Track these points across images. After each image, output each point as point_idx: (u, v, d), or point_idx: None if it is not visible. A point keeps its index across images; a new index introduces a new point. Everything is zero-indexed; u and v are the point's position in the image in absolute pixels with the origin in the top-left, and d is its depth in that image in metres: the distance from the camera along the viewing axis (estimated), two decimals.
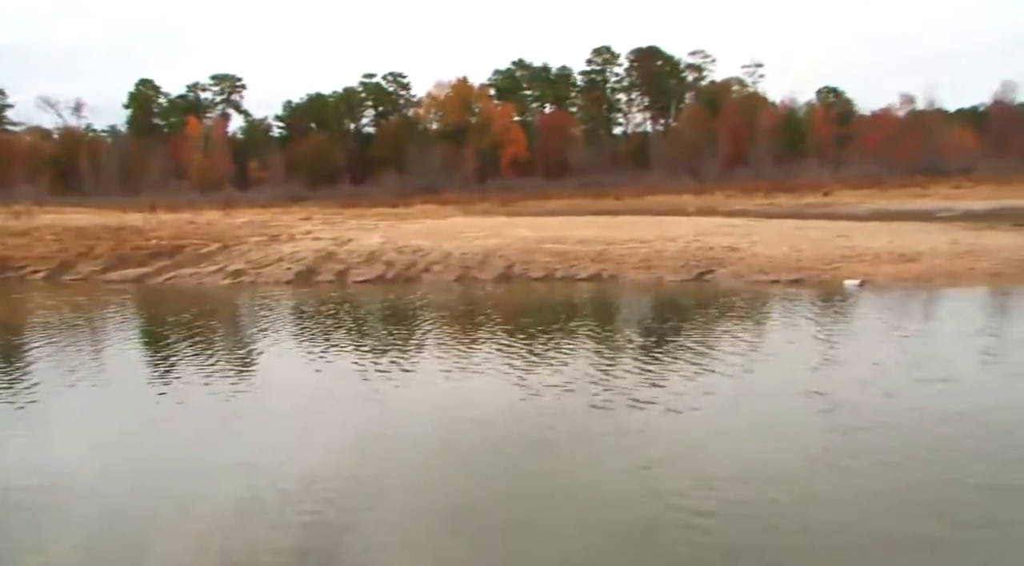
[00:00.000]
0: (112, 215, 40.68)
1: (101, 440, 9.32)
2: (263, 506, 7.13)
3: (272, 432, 9.25)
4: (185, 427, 9.73)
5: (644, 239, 24.49)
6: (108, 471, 8.24)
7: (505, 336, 14.43)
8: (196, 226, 34.23)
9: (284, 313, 18.32)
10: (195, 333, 16.33)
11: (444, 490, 7.43)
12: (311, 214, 42.38)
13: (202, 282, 24.18)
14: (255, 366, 13.13)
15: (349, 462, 8.23)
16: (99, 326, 18.06)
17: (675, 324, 15.46)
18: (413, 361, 12.76)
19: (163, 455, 8.63)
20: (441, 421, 9.42)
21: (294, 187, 76.45)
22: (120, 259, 27.87)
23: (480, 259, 23.02)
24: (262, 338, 15.37)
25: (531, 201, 59.05)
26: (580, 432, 8.80)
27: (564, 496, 7.17)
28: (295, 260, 24.61)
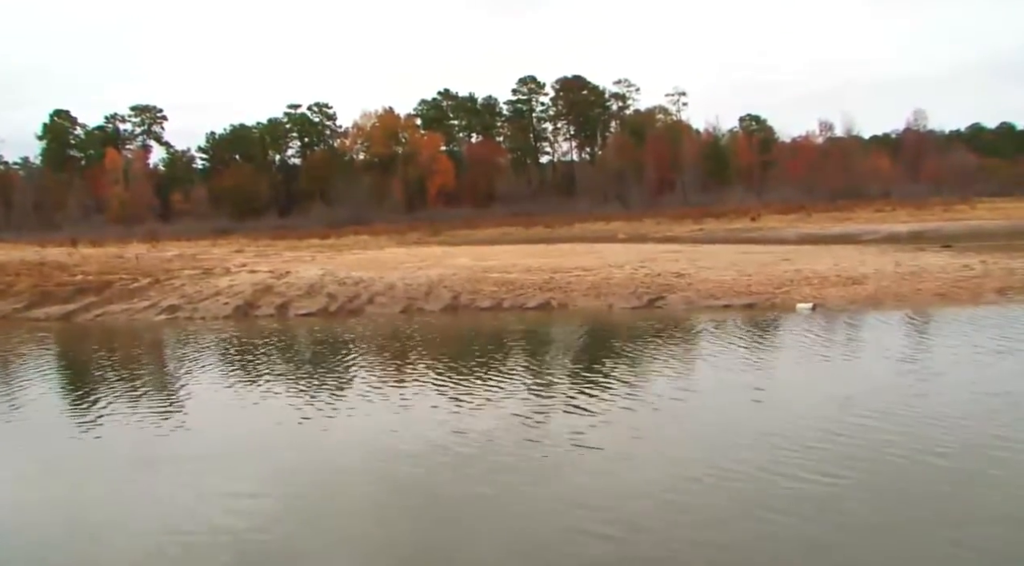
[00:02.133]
0: (30, 250, 39.19)
1: (19, 481, 9.15)
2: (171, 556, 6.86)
3: (192, 475, 8.90)
4: (102, 473, 9.35)
5: (589, 267, 24.36)
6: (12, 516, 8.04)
7: (454, 369, 14.17)
8: (123, 260, 33.09)
9: (222, 349, 17.66)
10: (126, 372, 15.69)
11: (371, 531, 7.35)
12: (242, 246, 41.44)
13: (134, 318, 23.25)
14: (189, 406, 12.61)
15: (272, 506, 7.94)
16: (21, 367, 17.17)
17: (634, 353, 15.28)
18: (357, 397, 12.40)
19: (72, 498, 8.41)
20: (374, 459, 9.28)
21: (219, 220, 74.99)
22: (43, 296, 26.69)
23: (425, 290, 22.61)
24: (198, 376, 14.80)
25: (460, 230, 58.85)
26: (511, 468, 8.65)
27: (488, 530, 7.16)
28: (232, 294, 23.84)
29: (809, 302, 18.50)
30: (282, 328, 20.58)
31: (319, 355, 16.49)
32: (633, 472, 8.32)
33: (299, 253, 35.40)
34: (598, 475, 8.30)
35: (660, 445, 9.17)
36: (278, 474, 8.87)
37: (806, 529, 6.70)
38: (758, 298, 19.47)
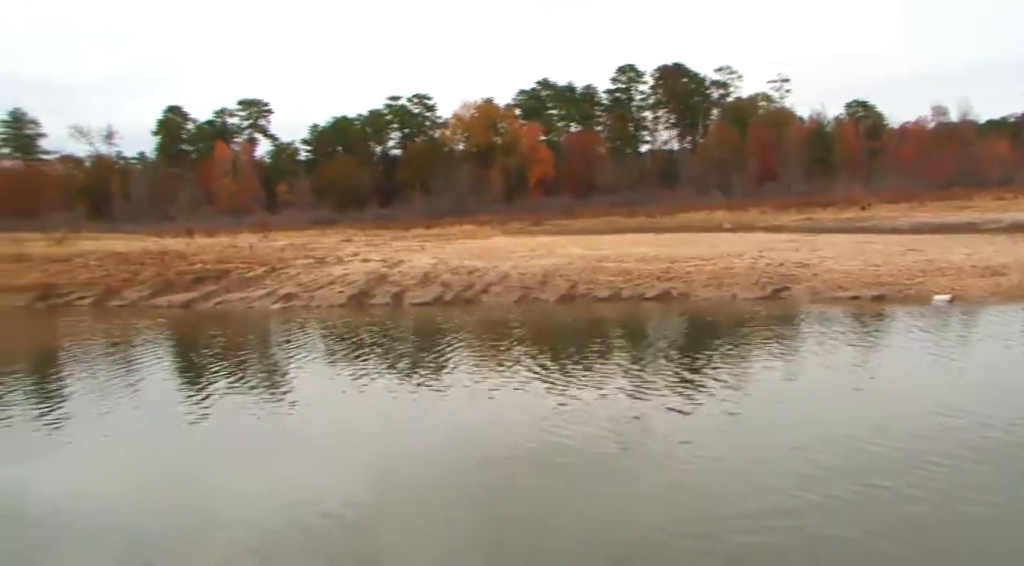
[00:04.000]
0: (150, 240, 40.49)
1: (133, 464, 9.31)
2: (289, 534, 6.92)
3: (306, 459, 9.05)
4: (219, 452, 9.65)
5: (707, 256, 23.84)
6: (138, 495, 8.17)
7: (570, 359, 13.95)
8: (237, 249, 33.90)
9: (336, 338, 17.79)
10: (243, 359, 15.98)
11: (476, 516, 7.28)
12: (350, 236, 42.00)
13: (252, 306, 23.71)
14: (301, 392, 12.72)
15: (382, 487, 8.04)
16: (146, 352, 17.67)
17: (760, 345, 14.77)
18: (469, 387, 12.28)
19: (193, 479, 8.62)
20: (480, 449, 9.13)
21: (322, 210, 76.35)
22: (166, 284, 27.50)
23: (540, 279, 22.45)
24: (312, 364, 14.96)
25: (561, 220, 58.52)
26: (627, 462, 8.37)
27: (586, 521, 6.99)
28: (347, 283, 24.12)
29: (946, 294, 17.64)
30: (397, 317, 20.70)
31: (433, 344, 16.44)
32: (747, 473, 7.93)
33: (407, 243, 35.70)
34: (701, 471, 8.00)
35: (784, 448, 8.67)
36: (384, 462, 8.85)
37: None
38: (889, 289, 18.68)
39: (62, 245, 36.07)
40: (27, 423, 11.19)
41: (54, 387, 14.23)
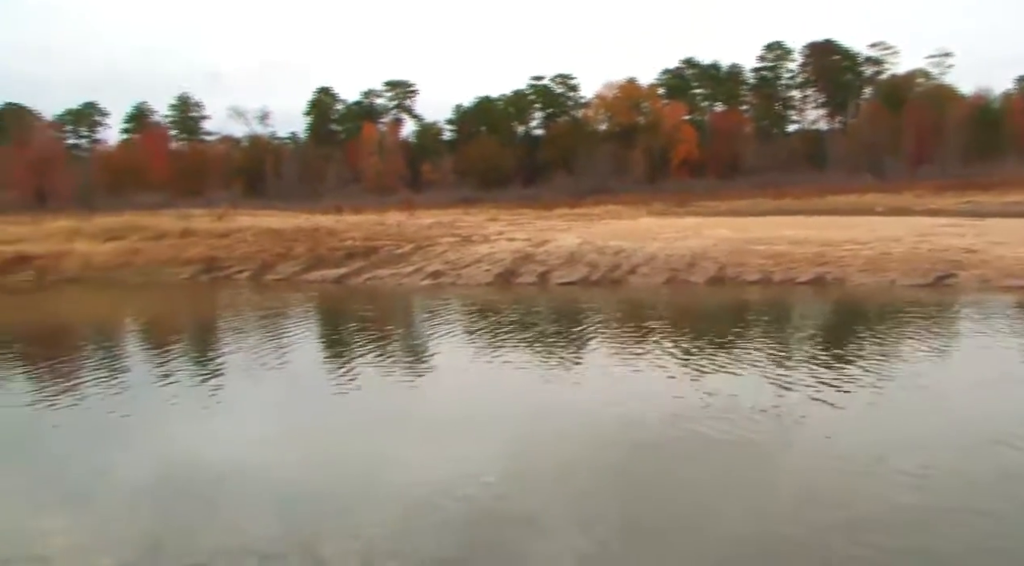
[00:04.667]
0: (301, 217, 41.86)
1: (280, 430, 9.58)
2: (427, 504, 6.94)
3: (448, 433, 9.13)
4: (366, 424, 9.82)
5: (863, 240, 22.84)
6: (281, 460, 8.34)
7: (717, 344, 13.61)
8: (385, 227, 34.66)
9: (484, 315, 17.91)
10: (391, 334, 16.39)
11: (608, 495, 7.12)
12: (493, 215, 42.35)
13: (401, 283, 24.22)
14: (444, 368, 12.92)
15: (521, 465, 7.95)
16: (298, 325, 18.32)
17: (921, 336, 14.01)
18: (610, 368, 12.15)
19: (342, 450, 8.77)
20: (613, 431, 8.92)
21: (465, 189, 77.31)
22: (318, 260, 28.39)
23: (687, 261, 22.03)
24: (458, 340, 15.19)
25: (705, 201, 57.22)
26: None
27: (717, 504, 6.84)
28: (493, 261, 24.31)
29: None
30: (543, 296, 20.73)
31: (577, 324, 16.35)
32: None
33: (551, 222, 35.70)
34: (842, 469, 7.53)
35: (939, 448, 8.14)
36: (525, 440, 8.80)
37: None
38: None
39: (222, 221, 37.78)
40: (188, 391, 11.70)
41: (214, 356, 14.94)
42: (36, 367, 14.32)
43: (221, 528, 6.58)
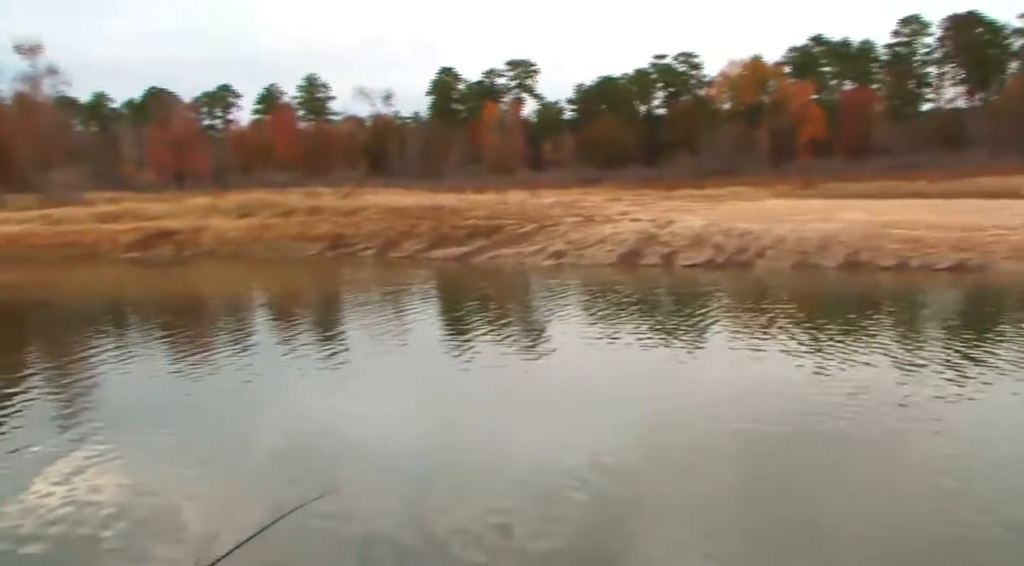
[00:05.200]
0: (424, 196, 42.34)
1: (400, 403, 9.66)
2: (541, 483, 6.83)
3: (565, 411, 9.03)
4: (483, 399, 9.86)
5: (1010, 225, 21.55)
6: (400, 433, 8.39)
7: (844, 331, 12.96)
8: (507, 206, 34.66)
9: (605, 295, 17.68)
10: (511, 312, 16.37)
11: (724, 489, 6.75)
12: (615, 195, 41.92)
13: (523, 262, 24.21)
14: (562, 347, 12.87)
15: (635, 448, 7.74)
16: (421, 301, 18.52)
17: None
18: (731, 352, 11.85)
19: (452, 422, 8.81)
20: (728, 416, 8.56)
21: (586, 169, 76.93)
22: (441, 238, 28.65)
23: (818, 244, 21.25)
24: (577, 320, 15.18)
25: (832, 183, 55.17)
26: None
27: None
28: (617, 242, 24.01)
29: None
30: (667, 277, 20.38)
31: (701, 307, 15.94)
32: None
33: (675, 203, 35.10)
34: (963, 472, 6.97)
35: None
36: (642, 420, 8.61)
37: None
38: None
39: (348, 199, 38.56)
40: (314, 362, 12.00)
41: (340, 330, 15.27)
42: (176, 336, 15.00)
43: (339, 497, 6.58)
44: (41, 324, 18.65)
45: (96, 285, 26.82)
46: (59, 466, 7.52)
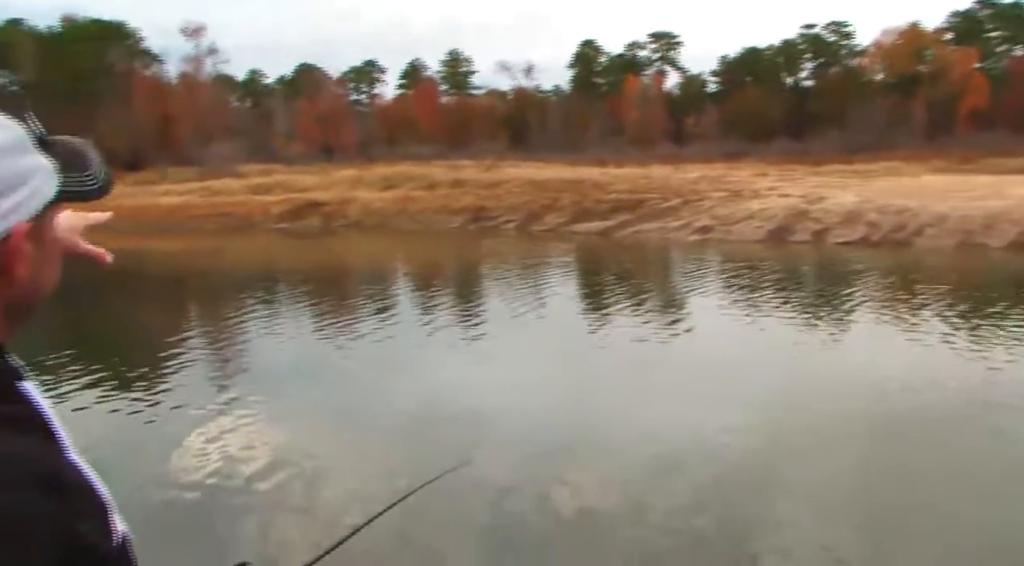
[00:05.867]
0: (565, 169, 42.25)
1: (535, 374, 9.63)
2: (671, 458, 6.76)
3: (698, 386, 8.92)
4: (619, 372, 9.80)
5: None
6: (533, 403, 8.38)
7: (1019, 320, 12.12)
8: (650, 180, 34.20)
9: (752, 272, 17.22)
10: (652, 286, 16.16)
11: (862, 483, 6.35)
12: (761, 170, 40.78)
13: (667, 237, 23.89)
14: (698, 322, 12.72)
15: (771, 423, 7.57)
16: (563, 274, 18.52)
17: None
18: (872, 335, 11.40)
19: (585, 394, 8.76)
20: (863, 399, 8.22)
21: (729, 143, 75.08)
22: (583, 212, 28.57)
23: (983, 222, 20.10)
24: (719, 295, 14.98)
25: (995, 158, 51.84)
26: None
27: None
28: (765, 218, 23.37)
29: None
30: (818, 255, 19.72)
31: (851, 287, 15.29)
32: None
33: (824, 178, 33.83)
34: None
35: None
36: (763, 398, 8.38)
37: None
38: None
39: (490, 172, 38.89)
40: (453, 334, 12.27)
41: (480, 301, 15.51)
42: (323, 305, 15.61)
43: (474, 468, 6.60)
44: (200, 290, 19.66)
45: (250, 254, 28.05)
46: (214, 424, 7.96)
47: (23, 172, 0.91)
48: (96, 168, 1.02)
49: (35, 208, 0.93)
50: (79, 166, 1.00)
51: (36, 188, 0.93)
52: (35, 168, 0.93)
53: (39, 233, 0.95)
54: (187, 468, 6.85)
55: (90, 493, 0.95)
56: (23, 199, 0.91)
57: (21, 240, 0.91)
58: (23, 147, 0.92)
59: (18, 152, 0.91)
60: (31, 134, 0.94)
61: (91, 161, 1.02)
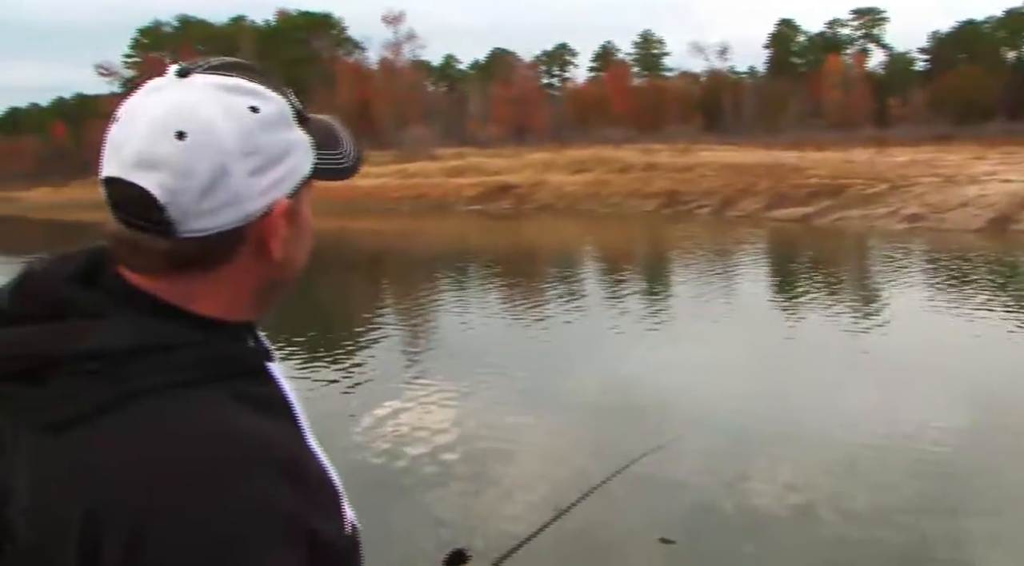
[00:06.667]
0: (760, 153, 40.92)
1: (721, 366, 9.31)
2: (867, 451, 6.46)
3: (884, 381, 8.44)
4: (810, 365, 9.46)
5: None
6: (717, 391, 8.23)
7: None
8: (853, 165, 32.60)
9: (971, 265, 16.02)
10: (857, 278, 15.42)
11: None
12: (976, 153, 38.01)
13: (872, 225, 22.73)
14: (890, 315, 11.97)
15: (984, 427, 7.04)
16: (761, 262, 17.97)
17: None
18: None
19: (785, 388, 8.45)
20: None
21: (938, 124, 70.49)
22: (780, 197, 27.62)
23: None
24: (926, 288, 14.05)
25: None
26: None
27: None
28: (984, 205, 21.76)
29: None
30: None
31: None
32: None
33: None
34: None
35: None
36: (976, 398, 7.80)
37: None
38: None
39: (684, 156, 38.22)
40: (642, 320, 12.15)
41: (671, 287, 15.43)
42: (513, 287, 15.97)
43: (664, 454, 6.50)
44: (395, 268, 20.43)
45: (443, 235, 28.89)
46: (406, 400, 8.23)
47: (287, 146, 0.90)
48: (347, 146, 1.00)
49: (294, 184, 0.91)
50: (331, 144, 0.98)
51: (296, 164, 0.91)
52: (297, 143, 0.91)
53: (294, 210, 0.93)
54: (375, 437, 7.10)
55: (329, 485, 0.93)
56: (285, 174, 0.90)
57: (280, 216, 0.89)
58: (288, 121, 0.91)
59: (284, 125, 0.90)
60: (292, 109, 0.92)
61: (342, 139, 1.00)
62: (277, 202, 0.89)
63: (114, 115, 0.88)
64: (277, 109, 0.89)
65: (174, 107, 0.84)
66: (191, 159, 0.82)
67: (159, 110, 0.84)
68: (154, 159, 0.82)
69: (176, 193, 0.82)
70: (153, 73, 0.92)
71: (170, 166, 0.82)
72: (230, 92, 0.86)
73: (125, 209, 0.85)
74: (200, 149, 0.82)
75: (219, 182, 0.84)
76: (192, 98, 0.84)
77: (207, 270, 0.89)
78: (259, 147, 0.86)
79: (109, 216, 0.87)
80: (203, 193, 0.83)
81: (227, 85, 0.87)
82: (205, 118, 0.83)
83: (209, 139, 0.83)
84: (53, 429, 0.82)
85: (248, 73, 0.90)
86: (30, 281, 0.89)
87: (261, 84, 0.89)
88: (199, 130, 0.83)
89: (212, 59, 0.90)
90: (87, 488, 0.79)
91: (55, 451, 0.82)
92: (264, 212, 0.88)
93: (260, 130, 0.87)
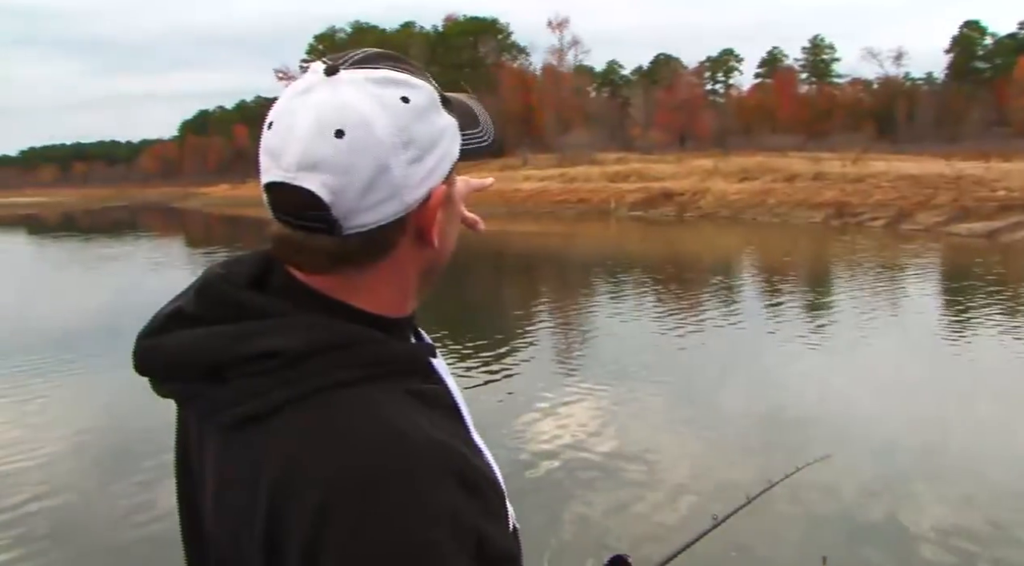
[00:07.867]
0: (939, 163, 38.70)
1: (885, 383, 8.91)
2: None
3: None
4: (975, 388, 8.76)
5: None
6: (883, 412, 7.86)
7: None
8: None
9: None
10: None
11: None
12: None
13: None
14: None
15: None
16: (938, 280, 17.01)
17: None
18: None
19: (945, 407, 7.99)
20: None
21: None
22: (963, 211, 26.07)
23: None
24: None
25: None
26: None
27: None
28: None
29: None
30: None
31: None
32: None
33: None
34: None
35: None
36: None
37: None
38: None
39: (855, 166, 36.67)
40: (801, 334, 11.74)
41: (834, 302, 14.80)
42: (671, 295, 15.81)
43: (820, 469, 6.14)
44: (553, 273, 20.45)
45: (603, 240, 28.75)
46: (558, 401, 8.29)
47: (439, 132, 0.89)
48: (484, 122, 1.00)
49: (447, 168, 0.91)
50: (472, 123, 0.98)
51: (448, 148, 0.91)
52: (446, 127, 0.91)
53: (447, 195, 0.92)
54: (534, 447, 7.07)
55: (495, 486, 0.91)
56: (439, 160, 0.89)
57: (438, 203, 0.89)
58: (436, 107, 0.90)
59: (434, 112, 0.89)
60: (437, 93, 0.91)
61: (480, 116, 1.00)
62: (434, 189, 0.89)
63: (267, 120, 0.88)
64: (426, 96, 0.89)
65: (328, 106, 0.84)
66: (352, 157, 0.83)
67: (314, 111, 0.84)
68: (315, 160, 0.83)
69: (339, 192, 0.83)
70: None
71: (332, 166, 0.83)
72: (380, 85, 0.86)
73: (290, 212, 0.86)
74: (359, 146, 0.83)
75: (380, 176, 0.84)
76: (345, 95, 0.85)
77: (371, 264, 0.90)
78: (414, 137, 0.86)
79: (271, 218, 0.88)
80: (365, 189, 0.84)
81: (376, 78, 0.86)
82: (360, 114, 0.84)
83: (367, 134, 0.84)
84: (237, 426, 0.85)
85: (393, 62, 0.89)
86: (209, 285, 0.91)
87: (407, 73, 0.89)
88: (356, 127, 0.83)
89: (356, 52, 0.89)
90: (270, 486, 0.81)
91: (239, 447, 0.86)
92: (422, 200, 0.88)
93: (414, 120, 0.87)
